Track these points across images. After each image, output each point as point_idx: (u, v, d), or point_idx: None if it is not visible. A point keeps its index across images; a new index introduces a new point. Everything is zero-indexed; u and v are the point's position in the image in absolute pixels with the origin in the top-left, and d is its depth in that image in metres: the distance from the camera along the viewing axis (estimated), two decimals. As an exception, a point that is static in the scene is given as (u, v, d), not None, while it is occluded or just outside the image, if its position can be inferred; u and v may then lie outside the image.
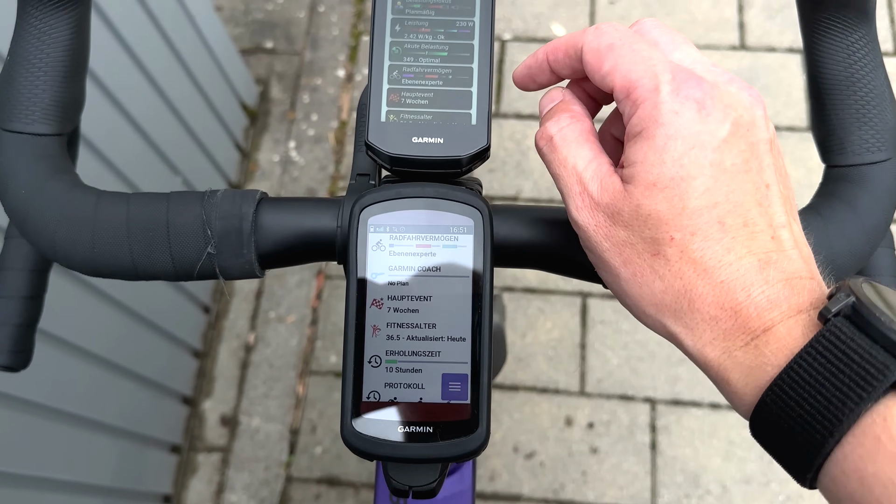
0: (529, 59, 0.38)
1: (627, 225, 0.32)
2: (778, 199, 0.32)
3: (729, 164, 0.31)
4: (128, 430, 1.27)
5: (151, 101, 1.27)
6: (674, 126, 0.31)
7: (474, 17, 0.41)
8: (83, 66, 0.46)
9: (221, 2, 1.89)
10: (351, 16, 1.86)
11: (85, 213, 0.41)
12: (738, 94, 0.32)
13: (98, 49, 1.08)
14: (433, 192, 0.38)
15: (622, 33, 0.34)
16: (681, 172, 0.31)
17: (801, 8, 0.42)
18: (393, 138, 0.40)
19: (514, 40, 1.80)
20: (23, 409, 0.99)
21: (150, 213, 0.41)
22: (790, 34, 1.77)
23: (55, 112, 0.44)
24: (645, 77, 0.32)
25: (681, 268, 0.31)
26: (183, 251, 0.41)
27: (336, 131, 1.74)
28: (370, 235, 0.38)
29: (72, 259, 0.42)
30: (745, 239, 0.31)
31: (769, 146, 0.32)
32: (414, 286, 0.37)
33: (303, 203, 0.43)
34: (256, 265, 0.41)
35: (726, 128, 0.31)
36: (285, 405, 1.52)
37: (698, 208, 0.31)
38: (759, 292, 0.30)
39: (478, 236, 0.38)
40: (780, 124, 1.68)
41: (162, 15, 1.25)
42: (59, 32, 0.44)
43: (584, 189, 0.34)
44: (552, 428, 1.47)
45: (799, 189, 1.63)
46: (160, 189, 1.30)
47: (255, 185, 1.70)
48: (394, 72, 0.41)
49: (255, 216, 0.41)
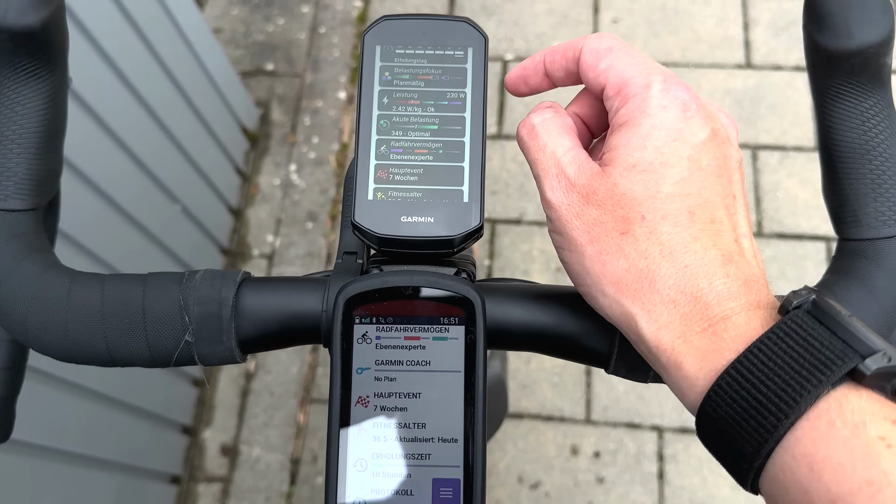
0: (525, 62, 0.40)
1: (601, 204, 0.34)
2: (742, 212, 0.34)
3: (705, 163, 0.33)
4: (126, 463, 1.25)
5: (147, 129, 1.26)
6: (659, 118, 0.33)
7: (466, 87, 0.39)
8: (59, 135, 0.44)
9: (222, 24, 1.88)
10: (352, 37, 1.85)
11: (58, 297, 0.40)
12: (717, 113, 0.36)
13: (91, 78, 1.07)
14: (422, 281, 0.36)
15: (622, 42, 0.36)
16: (660, 159, 0.33)
17: (812, 73, 0.40)
18: (381, 218, 0.38)
19: (517, 60, 1.78)
20: (14, 450, 0.97)
21: (125, 297, 0.39)
22: (797, 52, 1.74)
23: (29, 186, 0.42)
24: (638, 76, 0.34)
25: (647, 247, 0.32)
26: (159, 339, 0.39)
27: (337, 154, 1.73)
28: (355, 327, 0.36)
29: (44, 345, 0.40)
30: (711, 234, 0.32)
31: (738, 165, 0.35)
32: (402, 382, 0.35)
33: (287, 284, 0.41)
34: (237, 352, 0.40)
35: (706, 132, 0.34)
36: (286, 434, 1.49)
37: (672, 195, 0.32)
38: (720, 283, 0.31)
39: (470, 327, 0.35)
40: (788, 144, 1.66)
41: (159, 43, 1.23)
42: (32, 102, 0.42)
43: (560, 171, 0.35)
44: (558, 457, 1.44)
45: (807, 210, 1.60)
46: (159, 217, 1.29)
47: (255, 209, 1.68)
48: (381, 147, 0.39)
49: (235, 300, 0.39)
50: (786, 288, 1.45)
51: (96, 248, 1.11)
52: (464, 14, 1.83)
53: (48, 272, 0.41)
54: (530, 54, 1.77)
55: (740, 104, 1.70)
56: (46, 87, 0.42)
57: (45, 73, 0.41)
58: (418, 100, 0.39)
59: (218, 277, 0.40)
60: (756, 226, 1.60)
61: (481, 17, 1.83)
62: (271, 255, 1.64)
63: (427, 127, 0.39)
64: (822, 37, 0.37)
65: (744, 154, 1.65)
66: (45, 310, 0.39)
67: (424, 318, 0.36)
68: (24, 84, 0.41)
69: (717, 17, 1.79)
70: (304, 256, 1.63)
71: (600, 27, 1.80)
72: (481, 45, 0.40)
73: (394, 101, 0.39)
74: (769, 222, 1.60)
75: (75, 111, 1.04)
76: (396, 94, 0.39)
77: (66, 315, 0.39)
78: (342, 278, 0.40)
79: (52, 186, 0.44)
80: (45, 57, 0.41)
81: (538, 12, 1.83)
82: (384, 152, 0.38)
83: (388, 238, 0.38)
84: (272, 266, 1.63)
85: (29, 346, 0.41)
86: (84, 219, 1.08)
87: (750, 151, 1.66)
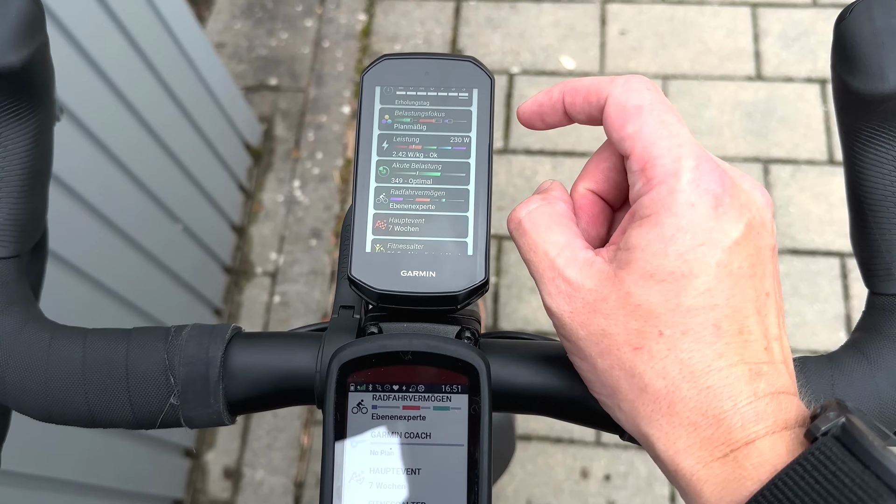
0: (541, 97, 0.35)
1: (610, 314, 0.30)
2: (774, 310, 0.31)
3: (736, 266, 0.29)
4: (126, 490, 1.23)
5: (147, 148, 1.24)
6: (686, 218, 0.29)
7: (470, 132, 0.37)
8: (44, 177, 0.42)
9: (225, 38, 1.86)
10: (356, 51, 1.83)
11: (37, 354, 0.37)
12: (751, 192, 0.31)
13: (88, 98, 1.05)
14: (422, 346, 0.33)
15: (653, 95, 0.32)
16: (682, 268, 0.29)
17: (841, 115, 0.37)
18: (379, 271, 0.35)
19: (523, 73, 1.76)
20: (10, 482, 0.94)
21: (108, 356, 0.37)
22: (808, 63, 1.71)
23: (11, 232, 0.40)
24: (667, 157, 0.30)
25: (665, 366, 0.29)
26: (143, 401, 0.37)
27: (341, 170, 1.70)
28: (350, 395, 0.33)
29: (22, 405, 0.38)
30: (738, 346, 0.29)
31: (772, 252, 0.31)
32: (400, 457, 0.32)
33: (279, 341, 0.38)
34: (226, 414, 0.37)
35: (740, 229, 0.30)
36: (290, 457, 1.47)
37: (694, 308, 0.29)
38: (745, 403, 0.28)
39: (474, 396, 0.33)
40: (800, 157, 1.63)
41: (158, 61, 1.21)
42: (14, 143, 0.40)
43: (557, 274, 0.32)
44: (567, 480, 1.41)
45: (820, 225, 1.57)
46: (160, 238, 1.27)
47: (258, 226, 1.66)
48: (380, 195, 0.36)
49: (223, 360, 0.37)
50: (800, 306, 1.41)
51: (95, 273, 1.08)
52: (469, 27, 1.81)
53: (28, 326, 0.38)
54: (536, 67, 1.75)
55: (751, 117, 1.67)
56: (30, 128, 0.40)
57: (28, 112, 0.39)
58: (420, 145, 0.37)
59: (206, 334, 0.38)
60: (768, 241, 1.57)
61: (486, 29, 1.81)
62: (275, 273, 1.62)
63: (429, 174, 0.36)
64: (854, 79, 0.35)
65: (755, 168, 1.62)
66: (23, 368, 0.37)
67: (425, 386, 0.33)
68: (5, 125, 0.39)
69: (727, 29, 1.76)
70: (307, 274, 1.61)
71: (607, 39, 1.77)
72: (487, 87, 0.37)
73: (394, 146, 0.37)
74: (781, 238, 1.56)
75: (72, 132, 1.02)
76: (397, 139, 0.37)
77: (45, 374, 0.37)
78: (337, 336, 0.37)
79: (35, 231, 0.42)
80: (27, 96, 0.39)
81: (544, 24, 1.80)
82: (383, 201, 0.36)
83: (387, 294, 0.35)
84: (275, 284, 1.61)
85: (6, 405, 0.38)
86: (82, 243, 1.06)
87: (761, 165, 1.63)
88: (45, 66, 0.40)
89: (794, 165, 1.63)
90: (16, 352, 0.37)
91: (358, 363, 0.33)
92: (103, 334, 0.38)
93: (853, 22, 0.35)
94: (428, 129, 0.37)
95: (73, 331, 0.39)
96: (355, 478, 0.32)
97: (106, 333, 0.38)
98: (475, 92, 0.37)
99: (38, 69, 0.39)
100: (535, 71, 1.76)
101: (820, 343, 1.48)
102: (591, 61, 1.75)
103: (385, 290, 0.35)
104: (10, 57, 0.36)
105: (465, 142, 0.37)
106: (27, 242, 0.41)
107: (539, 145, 1.68)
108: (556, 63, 1.76)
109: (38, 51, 0.38)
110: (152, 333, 0.38)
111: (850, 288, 1.52)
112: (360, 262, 0.35)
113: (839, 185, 1.60)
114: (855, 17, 0.35)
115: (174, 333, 0.37)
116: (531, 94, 1.75)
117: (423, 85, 0.37)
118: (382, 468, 0.32)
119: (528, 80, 1.75)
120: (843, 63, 0.35)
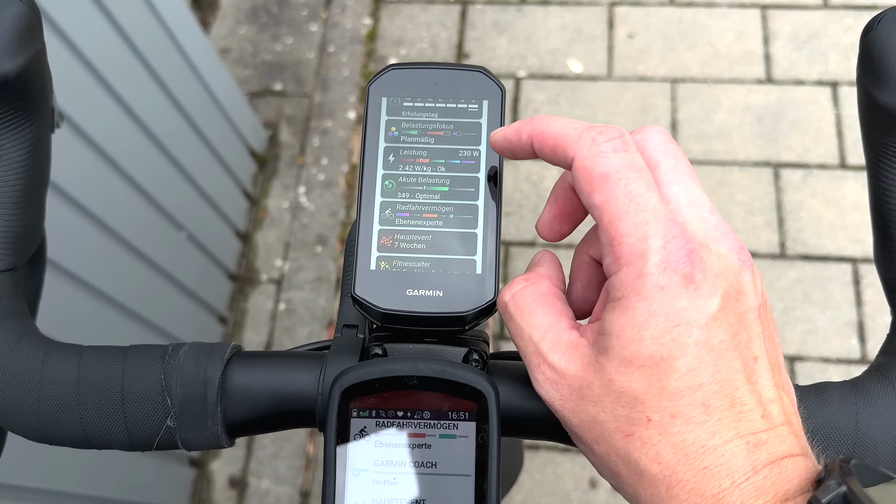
0: (511, 135, 0.33)
1: (597, 401, 0.29)
2: (766, 372, 0.29)
3: (717, 341, 0.28)
4: (129, 501, 1.22)
5: (150, 156, 1.23)
6: (657, 302, 0.28)
7: (480, 145, 0.35)
8: (40, 187, 0.41)
9: (229, 43, 1.85)
10: (361, 55, 1.81)
11: (31, 372, 0.36)
12: (727, 256, 0.30)
13: (89, 106, 1.03)
14: (428, 371, 0.31)
15: (620, 160, 0.30)
16: (661, 352, 0.28)
17: (866, 130, 0.36)
18: (384, 290, 0.34)
19: (530, 77, 1.74)
20: (10, 495, 0.93)
21: (103, 375, 0.36)
22: (819, 66, 1.69)
23: (6, 245, 0.39)
24: (633, 235, 0.29)
25: (659, 451, 0.28)
26: (139, 423, 0.36)
27: (347, 175, 1.69)
28: (352, 421, 0.31)
29: (15, 425, 0.37)
30: (731, 420, 0.28)
31: (757, 314, 0.30)
32: (404, 487, 0.31)
33: (279, 361, 0.37)
34: (224, 437, 0.36)
35: (715, 302, 0.28)
36: (295, 466, 1.45)
37: (679, 389, 0.28)
38: (744, 479, 0.27)
39: (482, 423, 0.31)
40: (811, 162, 1.61)
41: (161, 67, 1.20)
42: (10, 154, 0.38)
43: (542, 360, 0.31)
44: (575, 490, 1.39)
45: (831, 230, 1.55)
46: (163, 246, 1.26)
47: (263, 233, 1.65)
48: (386, 210, 0.35)
49: (222, 380, 0.35)
50: (811, 312, 1.38)
51: (97, 282, 1.07)
52: (475, 31, 1.80)
53: (21, 343, 0.37)
54: (543, 71, 1.73)
55: (761, 120, 1.65)
56: (26, 137, 0.39)
57: (24, 121, 0.38)
58: (428, 158, 0.35)
59: (204, 353, 0.36)
60: (779, 247, 1.55)
61: (493, 32, 1.80)
62: (280, 280, 1.61)
63: (437, 188, 0.35)
64: (881, 93, 0.33)
65: (765, 173, 1.60)
66: (16, 387, 0.36)
67: (430, 413, 0.31)
68: (0, 134, 0.38)
69: (736, 31, 1.74)
70: (313, 281, 1.60)
71: (615, 42, 1.75)
72: (498, 98, 0.36)
73: (400, 159, 0.35)
74: (792, 243, 1.54)
75: (73, 141, 1.01)
76: (403, 152, 0.35)
77: (38, 393, 0.36)
78: (340, 357, 0.36)
79: (31, 243, 0.41)
80: (23, 105, 0.38)
81: (551, 28, 1.79)
82: (389, 216, 0.35)
83: (392, 314, 0.34)
84: (281, 291, 1.59)
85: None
86: (83, 252, 1.04)
87: (772, 170, 1.61)
88: (41, 74, 0.38)
89: (805, 170, 1.60)
90: (8, 369, 0.36)
91: (361, 388, 0.32)
92: (99, 352, 0.37)
93: (881, 33, 0.33)
94: (436, 141, 0.36)
95: (67, 348, 0.37)
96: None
97: (101, 351, 0.37)
98: (485, 104, 0.36)
99: (34, 77, 0.37)
100: (543, 75, 1.74)
101: (832, 350, 1.46)
102: (598, 65, 1.74)
103: (390, 309, 0.34)
104: (5, 64, 0.35)
105: (475, 155, 0.35)
106: (23, 255, 0.40)
107: (546, 150, 1.66)
108: (564, 67, 1.75)
109: (34, 58, 0.37)
110: (149, 352, 0.37)
111: (863, 294, 1.49)
112: (365, 280, 0.34)
113: (851, 189, 1.58)
114: (883, 27, 0.33)
115: (171, 352, 0.36)
116: (538, 99, 1.74)
117: (432, 96, 0.36)
118: (386, 499, 0.31)
119: (536, 83, 1.73)
120: (870, 75, 0.33)
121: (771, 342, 0.30)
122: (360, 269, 0.34)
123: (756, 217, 1.57)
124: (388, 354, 0.35)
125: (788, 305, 1.50)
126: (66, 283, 1.01)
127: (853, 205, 1.57)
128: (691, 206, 0.30)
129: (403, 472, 0.31)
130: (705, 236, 0.30)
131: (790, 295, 1.51)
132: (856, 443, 0.34)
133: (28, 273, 0.42)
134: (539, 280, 0.33)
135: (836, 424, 0.34)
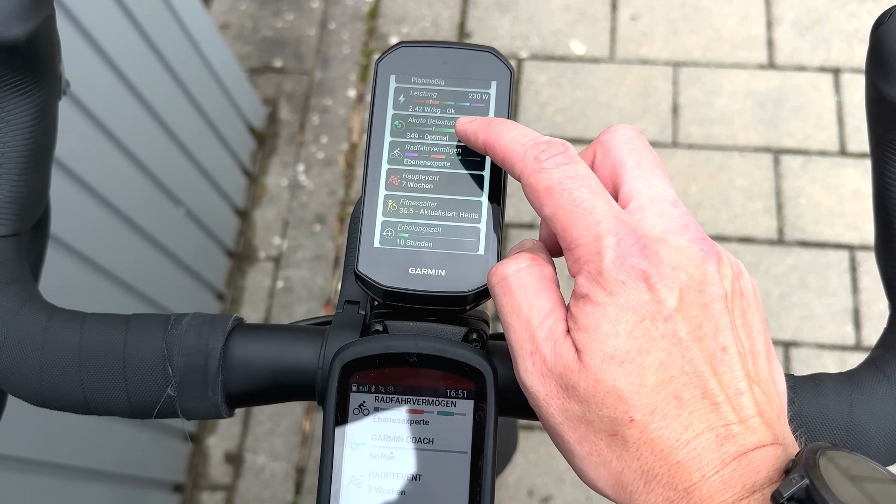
0: (470, 133, 0.34)
1: (583, 401, 0.29)
2: (737, 362, 0.30)
3: (683, 332, 0.29)
4: (126, 474, 1.22)
5: (149, 130, 1.22)
6: (623, 297, 0.29)
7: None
8: (47, 154, 0.41)
9: (230, 19, 1.84)
10: (362, 33, 1.80)
11: (33, 337, 0.37)
12: (688, 248, 0.30)
13: (90, 79, 1.03)
14: (428, 348, 0.32)
15: (562, 173, 0.31)
16: (636, 345, 0.29)
17: (872, 124, 0.36)
18: (387, 268, 0.34)
19: (532, 58, 1.73)
20: (9, 467, 0.94)
21: (105, 342, 0.36)
22: (822, 52, 1.68)
23: (11, 210, 0.39)
24: (587, 237, 0.30)
25: (639, 449, 0.29)
26: (140, 390, 0.36)
27: (346, 154, 1.69)
28: (352, 396, 0.32)
29: (16, 388, 0.37)
30: (703, 413, 0.29)
31: (724, 303, 0.30)
32: (401, 462, 0.31)
33: (281, 334, 0.37)
34: (224, 407, 0.37)
35: (675, 297, 0.29)
36: (291, 442, 1.46)
37: (655, 385, 0.29)
38: (713, 472, 0.28)
39: (480, 402, 0.31)
40: (811, 148, 1.60)
41: (162, 42, 1.20)
42: (18, 119, 0.39)
43: (535, 349, 0.30)
44: (569, 470, 1.40)
45: (830, 217, 1.55)
46: (162, 221, 1.26)
47: (262, 210, 1.65)
48: (395, 150, 0.35)
49: (223, 351, 0.36)
50: (808, 298, 1.39)
51: (95, 256, 1.07)
52: (478, 10, 1.79)
53: (25, 307, 0.38)
54: (545, 52, 1.73)
55: (762, 106, 1.65)
56: (33, 103, 0.39)
57: (32, 87, 0.38)
58: (437, 100, 0.36)
59: (206, 324, 0.37)
60: (777, 233, 1.55)
61: (495, 12, 1.78)
62: (278, 258, 1.61)
63: (446, 130, 0.36)
64: (890, 87, 0.33)
65: (765, 158, 1.60)
66: (18, 350, 0.37)
67: (429, 390, 0.32)
68: (8, 100, 0.38)
69: (740, 16, 1.74)
70: (311, 259, 1.60)
71: (618, 24, 1.74)
72: (507, 79, 0.36)
73: (404, 150, 0.36)
74: (791, 229, 1.54)
75: (73, 114, 1.00)
76: (408, 146, 0.36)
77: (40, 358, 0.36)
78: (341, 332, 0.36)
79: (36, 209, 0.41)
80: (31, 71, 0.38)
81: (554, 8, 1.78)
82: (398, 156, 0.36)
83: (393, 291, 0.34)
84: (279, 269, 1.59)
85: (0, 388, 0.37)
86: (82, 226, 1.04)
87: (772, 155, 1.61)
88: (50, 41, 0.38)
89: (805, 156, 1.60)
90: (11, 333, 0.37)
91: (361, 363, 0.32)
92: (101, 319, 0.37)
93: (892, 27, 0.33)
94: (444, 91, 0.37)
95: (70, 314, 0.38)
96: (354, 481, 0.31)
97: (104, 319, 0.37)
98: (494, 84, 0.36)
99: (44, 43, 0.38)
100: (545, 56, 1.73)
101: (827, 336, 1.46)
102: (601, 47, 1.73)
103: (392, 287, 0.34)
104: (14, 30, 0.35)
105: (482, 109, 0.36)
106: (27, 221, 0.40)
107: (547, 132, 1.65)
108: (566, 48, 1.74)
109: (44, 24, 0.37)
110: (151, 321, 0.37)
111: (859, 281, 1.50)
112: (368, 257, 0.34)
113: (850, 176, 1.58)
114: (894, 21, 0.33)
115: (174, 322, 0.37)
116: (540, 80, 1.74)
117: (440, 75, 0.36)
118: (382, 473, 0.31)
119: (538, 65, 1.73)
120: (879, 70, 0.33)
121: (746, 331, 0.31)
122: (363, 246, 0.34)
123: (755, 202, 1.57)
124: (388, 331, 0.35)
125: (785, 291, 1.51)
126: (65, 257, 1.01)
127: (852, 192, 1.57)
128: (652, 202, 0.31)
129: (401, 447, 0.31)
130: (664, 230, 0.30)
131: (787, 281, 1.51)
132: (849, 433, 0.34)
133: (32, 239, 0.43)
134: (544, 263, 0.33)
135: (829, 415, 0.34)
